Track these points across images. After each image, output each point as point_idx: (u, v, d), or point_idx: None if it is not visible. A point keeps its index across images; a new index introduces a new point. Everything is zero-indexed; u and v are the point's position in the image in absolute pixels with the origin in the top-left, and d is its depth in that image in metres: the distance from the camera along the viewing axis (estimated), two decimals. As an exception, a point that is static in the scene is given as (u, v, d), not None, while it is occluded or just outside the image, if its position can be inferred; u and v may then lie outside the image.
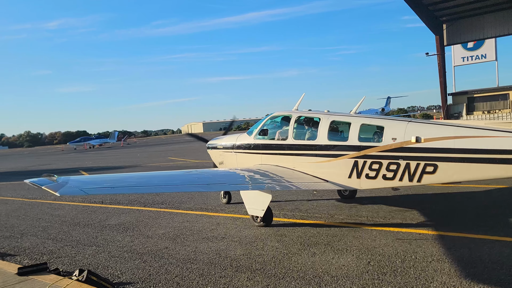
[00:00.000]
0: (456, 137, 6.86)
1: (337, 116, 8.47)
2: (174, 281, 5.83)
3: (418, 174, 7.17)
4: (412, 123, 7.44)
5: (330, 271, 5.77)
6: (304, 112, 9.20)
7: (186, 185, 7.68)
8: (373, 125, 7.90)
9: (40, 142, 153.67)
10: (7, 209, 13.06)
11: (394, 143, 7.32)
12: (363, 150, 7.68)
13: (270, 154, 9.19)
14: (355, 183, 7.83)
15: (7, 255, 7.74)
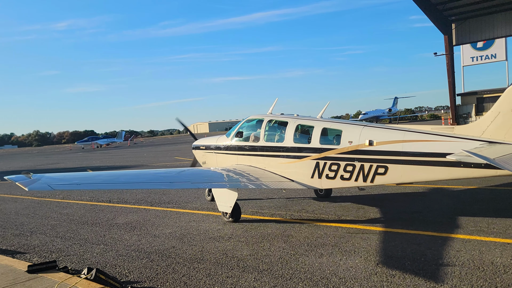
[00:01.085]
0: (403, 140, 7.40)
1: (303, 120, 9.09)
2: (181, 281, 5.83)
3: (371, 175, 7.68)
4: (367, 127, 8.06)
5: (338, 273, 5.73)
6: (275, 116, 9.79)
7: (150, 183, 8.34)
8: (333, 129, 8.53)
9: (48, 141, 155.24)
10: (16, 207, 13.20)
11: (350, 146, 7.92)
12: (323, 152, 8.30)
13: (245, 155, 9.77)
14: (317, 183, 8.42)
15: (17, 252, 7.81)
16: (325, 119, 9.16)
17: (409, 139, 7.39)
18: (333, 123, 8.76)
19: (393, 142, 7.48)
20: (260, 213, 9.81)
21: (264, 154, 9.37)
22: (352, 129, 8.16)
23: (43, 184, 6.64)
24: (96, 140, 76.13)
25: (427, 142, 7.21)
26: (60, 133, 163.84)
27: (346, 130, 8.20)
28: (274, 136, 9.43)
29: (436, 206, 9.39)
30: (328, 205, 10.16)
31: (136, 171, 9.90)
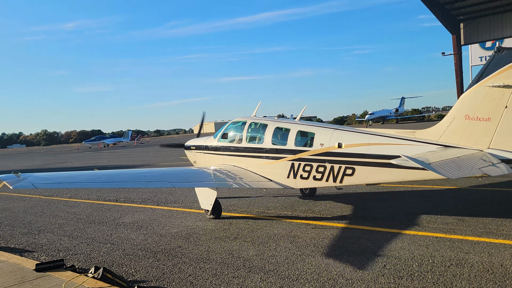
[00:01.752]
0: (369, 144, 7.80)
1: (281, 123, 9.65)
2: (187, 280, 5.83)
3: (340, 175, 8.09)
4: (338, 130, 8.52)
5: (345, 274, 5.70)
6: (257, 119, 10.21)
7: (128, 182, 8.76)
8: (307, 132, 8.93)
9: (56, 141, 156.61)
10: (24, 206, 13.31)
11: (322, 148, 8.36)
12: (298, 153, 8.73)
13: (229, 155, 10.27)
14: (292, 182, 8.84)
15: (25, 251, 7.87)
16: (301, 122, 9.55)
17: (374, 142, 7.79)
18: (307, 126, 9.12)
19: (360, 145, 7.89)
20: (266, 213, 9.79)
21: (246, 155, 9.82)
22: (323, 132, 8.62)
23: (27, 183, 6.97)
24: (103, 139, 76.64)
25: (390, 145, 7.58)
26: (67, 133, 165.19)
27: (318, 133, 8.65)
28: (255, 137, 9.87)
29: (444, 207, 9.30)
30: (334, 206, 10.12)
31: (118, 170, 10.40)
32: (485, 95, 6.78)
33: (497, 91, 6.65)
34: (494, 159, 6.57)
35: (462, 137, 7.11)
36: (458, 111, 7.19)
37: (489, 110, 6.77)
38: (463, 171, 6.20)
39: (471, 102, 6.99)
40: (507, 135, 6.66)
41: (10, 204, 13.72)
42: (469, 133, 7.02)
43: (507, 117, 6.62)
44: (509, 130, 6.66)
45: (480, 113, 6.87)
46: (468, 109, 7.00)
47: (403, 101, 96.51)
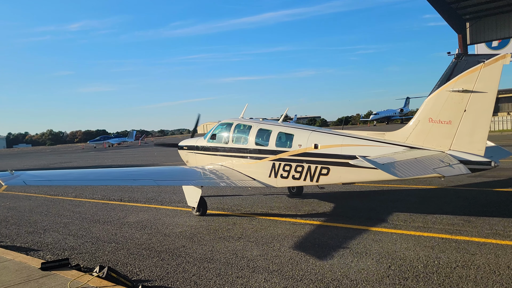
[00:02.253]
0: (342, 145, 8.22)
1: (264, 125, 9.99)
2: (191, 280, 5.83)
3: (317, 175, 8.47)
4: (315, 132, 8.92)
5: (349, 275, 5.67)
6: (242, 120, 10.68)
7: (115, 180, 9.31)
8: (287, 133, 9.35)
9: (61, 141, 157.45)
10: (30, 205, 13.39)
11: (300, 149, 8.78)
12: (278, 154, 9.18)
13: (217, 155, 10.77)
14: (273, 181, 9.24)
15: (30, 250, 7.91)
16: (283, 123, 9.97)
17: (347, 143, 8.22)
18: (287, 128, 9.54)
19: (334, 146, 8.34)
20: (270, 214, 9.77)
21: (232, 155, 10.32)
22: (301, 133, 9.05)
23: (19, 180, 7.46)
24: (107, 139, 77.03)
25: (361, 146, 8.01)
26: (73, 132, 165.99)
27: (297, 135, 9.09)
28: (240, 138, 10.33)
29: (449, 208, 9.23)
30: (338, 207, 10.08)
31: (107, 169, 10.80)
32: (446, 100, 7.18)
33: (456, 95, 7.05)
34: (453, 160, 6.94)
35: (426, 139, 7.49)
36: (422, 115, 7.56)
37: (450, 113, 7.16)
38: (416, 171, 6.63)
39: (434, 106, 7.37)
40: (466, 137, 7.04)
41: (16, 203, 13.81)
42: (432, 136, 7.39)
43: (466, 120, 7.01)
44: (468, 132, 7.03)
45: (442, 116, 7.27)
46: (431, 113, 7.38)
47: (408, 101, 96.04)
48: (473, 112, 6.95)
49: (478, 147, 6.98)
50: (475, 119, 6.98)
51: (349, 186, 13.22)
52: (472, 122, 7.01)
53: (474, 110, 6.94)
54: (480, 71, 6.85)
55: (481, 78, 6.84)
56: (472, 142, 7.05)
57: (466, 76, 6.97)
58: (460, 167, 6.79)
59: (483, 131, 6.96)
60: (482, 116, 6.95)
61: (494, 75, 6.76)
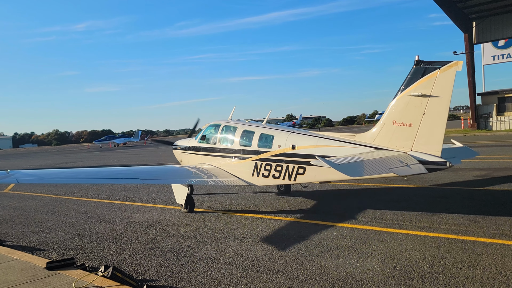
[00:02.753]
0: (317, 146, 8.70)
1: (248, 126, 10.49)
2: (196, 280, 5.84)
3: (294, 174, 8.91)
4: (293, 133, 9.43)
5: (354, 275, 5.64)
6: (229, 122, 11.21)
7: (103, 178, 9.89)
8: (268, 134, 9.83)
9: (67, 140, 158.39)
10: (36, 204, 13.48)
11: (279, 149, 9.28)
12: (260, 154, 9.68)
13: (206, 155, 11.34)
14: (256, 180, 9.66)
15: (36, 249, 7.96)
16: (265, 125, 10.46)
17: (321, 144, 8.72)
18: (268, 129, 10.04)
19: (309, 147, 8.84)
20: (275, 214, 9.76)
21: (220, 155, 10.90)
22: (281, 134, 9.55)
23: (13, 178, 8.06)
24: (113, 139, 77.39)
25: (332, 147, 8.51)
26: (78, 132, 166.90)
27: (276, 136, 9.59)
28: (227, 139, 10.89)
29: (455, 208, 9.16)
30: (343, 207, 10.04)
31: (97, 168, 11.25)
32: (407, 103, 7.68)
33: (416, 99, 7.54)
34: (412, 160, 7.38)
35: (391, 140, 7.97)
36: (387, 117, 8.05)
37: (411, 116, 7.63)
38: (371, 171, 7.08)
39: (397, 109, 7.86)
40: (425, 139, 7.50)
41: (22, 203, 13.91)
42: (396, 137, 7.88)
43: (425, 123, 7.48)
44: (426, 134, 7.48)
45: (404, 119, 7.76)
46: (395, 116, 7.88)
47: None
48: (431, 115, 7.42)
49: (435, 148, 7.44)
50: (433, 122, 7.44)
51: (354, 185, 13.17)
52: (430, 125, 7.47)
53: (432, 113, 7.41)
54: (436, 77, 7.36)
55: (437, 84, 7.34)
56: (430, 144, 7.50)
57: (424, 81, 7.49)
58: (418, 167, 7.22)
59: (439, 133, 7.41)
60: (439, 119, 7.41)
61: (448, 81, 7.27)
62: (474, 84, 39.98)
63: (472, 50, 39.50)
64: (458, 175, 13.93)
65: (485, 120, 39.98)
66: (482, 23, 38.29)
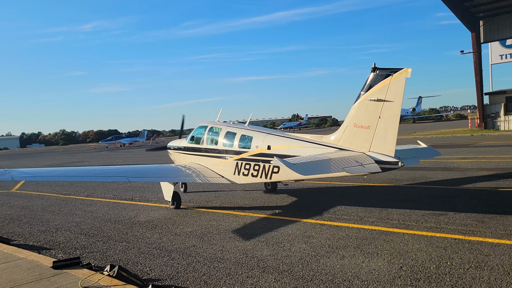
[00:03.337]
0: (288, 146, 9.39)
1: (231, 128, 11.15)
2: (201, 279, 5.84)
3: (270, 173, 9.48)
4: (269, 135, 10.11)
5: (360, 275, 5.61)
6: (215, 124, 11.87)
7: (92, 177, 10.49)
8: (247, 136, 10.44)
9: (74, 140, 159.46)
10: (43, 204, 13.58)
11: (257, 150, 9.89)
12: (240, 154, 10.28)
13: (195, 155, 11.99)
14: (237, 179, 10.22)
15: (43, 248, 8.02)
16: (247, 127, 11.04)
17: (292, 145, 9.37)
18: (248, 131, 10.64)
19: (282, 147, 9.49)
20: (280, 214, 9.74)
21: (206, 155, 11.49)
22: (258, 136, 10.20)
23: (8, 176, 8.58)
24: (119, 139, 77.77)
25: (302, 148, 9.16)
26: (85, 132, 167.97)
27: (255, 137, 10.24)
28: (212, 140, 11.51)
29: (462, 208, 9.08)
30: (349, 207, 10.00)
31: (88, 167, 11.83)
32: (366, 107, 8.28)
33: (373, 104, 8.14)
34: (369, 160, 8.03)
35: (352, 141, 8.61)
36: (349, 120, 8.65)
37: (368, 119, 8.26)
38: (325, 170, 7.79)
39: (357, 113, 8.47)
40: (381, 140, 8.12)
41: (29, 202, 14.03)
42: (356, 139, 8.52)
43: (381, 126, 8.10)
44: (382, 136, 8.10)
45: (363, 122, 8.38)
46: (356, 119, 8.50)
47: (420, 101, 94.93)
48: (385, 118, 8.03)
49: (390, 149, 8.07)
50: (387, 124, 8.05)
51: (360, 185, 13.11)
52: (385, 127, 8.08)
53: (386, 116, 8.02)
54: (389, 83, 7.95)
55: (390, 89, 7.94)
56: (385, 144, 8.12)
57: (379, 87, 8.08)
58: (373, 166, 7.88)
59: (393, 134, 8.02)
60: (392, 122, 8.02)
61: (399, 87, 7.86)
62: (481, 83, 39.61)
63: (480, 49, 39.14)
64: (465, 175, 13.81)
65: (493, 119, 39.61)
66: (489, 22, 37.94)
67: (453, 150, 23.19)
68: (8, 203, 14.10)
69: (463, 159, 18.34)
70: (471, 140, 29.99)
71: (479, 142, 27.13)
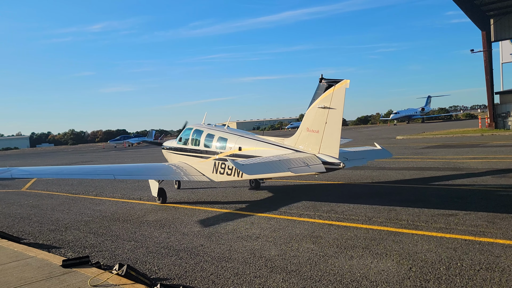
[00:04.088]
0: (256, 148, 10.51)
1: (211, 130, 12.28)
2: (209, 279, 5.84)
3: (240, 172, 10.15)
4: (241, 137, 11.19)
5: (369, 276, 5.57)
6: (199, 126, 12.94)
7: (82, 174, 11.39)
8: (223, 138, 11.60)
9: (83, 140, 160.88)
10: (52, 203, 13.72)
11: (230, 151, 11.05)
12: (217, 154, 11.38)
13: (182, 155, 13.07)
14: (214, 177, 11.13)
15: (52, 247, 8.10)
16: (225, 129, 12.13)
17: (259, 147, 10.51)
18: (224, 133, 11.74)
19: (251, 149, 10.58)
20: (288, 213, 9.72)
21: (190, 155, 12.57)
22: (232, 138, 11.35)
23: (8, 174, 9.44)
24: (127, 139, 78.29)
25: (265, 149, 10.29)
26: (94, 132, 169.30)
27: (229, 139, 11.40)
28: (196, 141, 12.56)
29: (473, 208, 8.96)
30: (357, 207, 9.94)
31: (80, 166, 12.46)
32: (315, 114, 9.31)
33: (321, 110, 9.17)
34: (316, 161, 9.00)
35: (306, 144, 9.63)
36: (303, 125, 9.70)
37: (318, 124, 9.27)
38: (270, 170, 8.80)
39: (309, 119, 9.53)
40: (328, 143, 9.11)
41: (38, 202, 14.18)
42: (308, 142, 9.54)
43: (327, 130, 9.10)
44: (329, 140, 9.08)
45: (313, 126, 9.40)
46: (308, 124, 9.55)
47: (429, 100, 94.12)
48: (331, 123, 9.03)
49: (334, 151, 9.04)
50: (332, 129, 9.03)
51: (368, 185, 13.02)
52: (330, 132, 9.06)
53: (331, 122, 9.02)
54: (332, 93, 8.96)
55: (333, 98, 8.95)
56: (331, 147, 9.08)
57: (325, 96, 9.09)
58: (318, 167, 8.84)
59: (337, 138, 9.00)
60: (336, 127, 9.00)
61: (341, 96, 8.86)
62: (492, 82, 39.13)
63: (490, 48, 38.67)
64: (475, 175, 13.65)
65: (504, 119, 39.10)
66: (500, 20, 37.44)
67: (463, 150, 22.93)
68: (18, 202, 14.28)
69: (473, 159, 18.12)
70: (481, 140, 29.62)
71: (490, 142, 26.79)
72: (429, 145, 27.58)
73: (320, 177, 15.61)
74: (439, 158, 19.66)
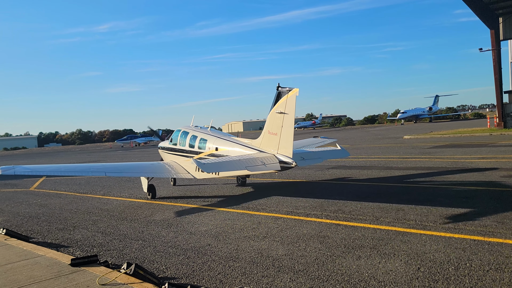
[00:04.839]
0: (229, 149, 11.97)
1: (195, 132, 13.66)
2: (217, 278, 5.85)
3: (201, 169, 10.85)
4: (218, 138, 12.70)
5: (377, 276, 5.54)
6: (186, 128, 14.31)
7: (76, 172, 12.25)
8: (204, 139, 13.07)
9: (90, 140, 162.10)
10: (61, 202, 13.84)
11: (209, 150, 12.55)
12: (199, 154, 12.84)
13: (173, 154, 14.33)
14: (197, 174, 11.82)
15: (61, 246, 8.17)
16: (208, 131, 13.56)
17: (232, 148, 11.94)
18: (205, 135, 13.17)
19: (225, 149, 12.10)
20: (295, 213, 9.70)
21: (178, 154, 13.89)
22: (211, 139, 12.80)
23: (11, 171, 10.25)
24: (134, 138, 78.71)
25: (236, 149, 11.67)
26: (101, 132, 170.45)
27: (208, 140, 12.85)
28: (183, 142, 13.93)
29: (482, 208, 8.88)
30: (365, 207, 9.89)
31: (76, 164, 13.34)
32: (274, 118, 10.59)
33: (278, 115, 10.43)
34: (273, 160, 10.22)
35: (267, 145, 10.89)
36: (266, 128, 11.04)
37: (276, 128, 10.52)
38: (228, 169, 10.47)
39: (270, 122, 10.81)
40: (284, 144, 10.34)
41: (47, 201, 14.32)
42: (270, 143, 10.80)
43: (283, 133, 10.33)
44: (285, 141, 10.28)
45: (273, 130, 10.68)
46: (269, 127, 10.87)
47: (437, 99, 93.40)
48: (285, 127, 10.24)
49: (288, 151, 10.25)
50: (286, 132, 10.23)
51: (376, 185, 12.96)
52: (285, 134, 10.25)
53: (286, 126, 10.23)
54: (286, 100, 10.20)
55: (287, 104, 10.18)
56: (286, 148, 10.28)
57: (281, 102, 10.36)
58: (274, 165, 10.06)
59: (290, 140, 10.19)
60: (289, 130, 10.21)
61: (292, 103, 10.07)
62: (501, 81, 38.73)
63: (499, 46, 38.25)
64: (484, 175, 13.52)
65: (512, 118, 38.65)
66: (509, 18, 37.03)
67: (471, 149, 22.73)
68: (27, 201, 14.43)
69: (482, 159, 17.95)
70: (490, 139, 29.33)
71: (499, 142, 26.51)
72: (437, 145, 27.37)
73: (326, 176, 15.58)
74: (447, 158, 19.50)
